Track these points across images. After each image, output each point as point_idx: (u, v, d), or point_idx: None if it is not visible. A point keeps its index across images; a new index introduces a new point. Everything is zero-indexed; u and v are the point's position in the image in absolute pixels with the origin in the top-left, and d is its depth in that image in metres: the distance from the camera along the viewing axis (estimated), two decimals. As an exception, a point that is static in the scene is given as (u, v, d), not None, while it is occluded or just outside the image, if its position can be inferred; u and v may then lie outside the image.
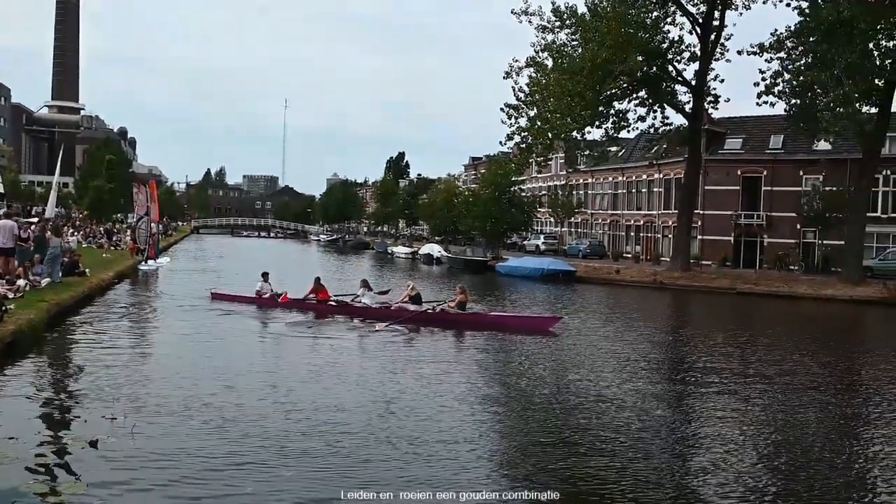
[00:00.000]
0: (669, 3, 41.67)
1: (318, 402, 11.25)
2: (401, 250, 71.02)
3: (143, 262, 35.27)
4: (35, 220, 33.13)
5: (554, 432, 10.37)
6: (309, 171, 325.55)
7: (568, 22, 41.68)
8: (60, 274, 21.71)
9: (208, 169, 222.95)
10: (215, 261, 49.98)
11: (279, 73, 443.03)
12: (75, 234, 38.45)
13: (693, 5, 41.79)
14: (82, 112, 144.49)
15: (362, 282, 23.44)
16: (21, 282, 18.74)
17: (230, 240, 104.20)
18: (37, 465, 7.99)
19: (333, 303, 22.34)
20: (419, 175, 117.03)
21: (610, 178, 64.00)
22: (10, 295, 16.99)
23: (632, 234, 60.67)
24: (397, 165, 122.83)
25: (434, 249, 62.04)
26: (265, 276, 23.74)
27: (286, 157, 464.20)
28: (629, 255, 57.12)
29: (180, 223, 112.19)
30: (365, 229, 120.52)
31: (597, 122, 42.93)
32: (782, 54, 37.40)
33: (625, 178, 61.55)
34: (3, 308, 14.80)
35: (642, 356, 17.56)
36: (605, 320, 25.52)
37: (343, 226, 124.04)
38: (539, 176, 74.17)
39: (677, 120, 44.97)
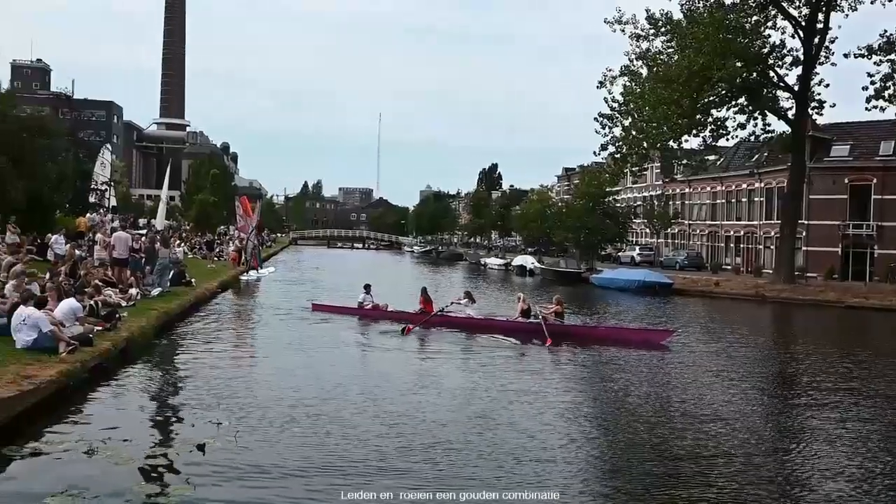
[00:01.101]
0: (770, 7, 40.38)
1: (418, 414, 11.18)
2: (494, 262, 71.03)
3: (245, 273, 36.45)
4: (144, 231, 34.75)
5: (659, 454, 9.90)
6: (402, 183, 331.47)
7: (663, 29, 40.96)
8: (169, 283, 22.66)
9: (305, 182, 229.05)
10: (312, 272, 51.17)
11: (372, 86, 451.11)
12: (181, 245, 40.11)
13: (795, 8, 40.35)
14: (188, 128, 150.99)
15: (465, 293, 23.28)
16: (133, 291, 19.69)
17: (326, 251, 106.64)
18: (149, 466, 8.34)
19: (437, 314, 22.09)
20: (512, 186, 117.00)
21: (708, 188, 62.36)
22: (124, 303, 17.85)
23: (731, 245, 58.92)
24: (490, 177, 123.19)
25: (527, 261, 61.78)
26: (367, 287, 23.73)
27: (380, 169, 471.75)
28: (729, 267, 55.46)
29: (279, 235, 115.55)
30: (458, 241, 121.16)
31: (694, 131, 41.97)
32: (893, 56, 35.69)
33: (724, 188, 59.86)
34: (117, 316, 15.57)
35: (754, 373, 16.95)
36: (711, 335, 24.66)
37: (436, 237, 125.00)
38: (634, 186, 72.93)
39: (779, 127, 43.51)
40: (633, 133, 41.27)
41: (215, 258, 42.52)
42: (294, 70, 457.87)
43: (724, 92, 41.07)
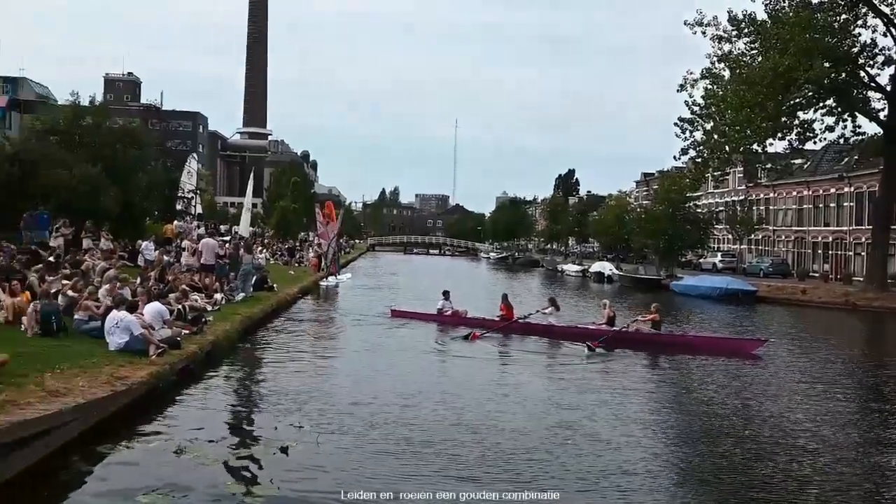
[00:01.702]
0: (860, 5, 38.85)
1: (498, 423, 11.00)
2: (571, 268, 70.43)
3: (325, 279, 37.09)
4: (227, 238, 35.76)
5: (748, 470, 9.50)
6: (479, 190, 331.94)
7: (746, 30, 39.89)
8: (252, 289, 23.24)
9: (383, 188, 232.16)
10: (390, 278, 51.69)
11: (449, 93, 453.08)
12: (263, 251, 41.11)
13: (887, 5, 38.66)
14: (270, 137, 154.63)
15: (550, 300, 22.95)
16: (218, 296, 20.27)
17: (403, 257, 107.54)
18: (235, 467, 8.56)
19: (518, 321, 21.82)
20: (589, 192, 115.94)
21: (794, 193, 60.40)
22: (209, 308, 18.40)
23: (819, 251, 56.86)
24: (567, 182, 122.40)
25: (605, 267, 61.05)
26: (446, 294, 23.70)
27: (456, 175, 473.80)
28: (816, 275, 53.53)
29: (357, 241, 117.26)
30: (534, 247, 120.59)
31: (779, 134, 40.70)
32: None
33: (811, 193, 57.87)
34: (204, 320, 16.07)
35: (849, 386, 16.37)
36: (801, 345, 23.73)
37: (512, 244, 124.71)
38: (716, 191, 71.16)
39: (870, 129, 41.77)
40: (715, 137, 40.29)
41: (296, 264, 43.43)
42: (373, 77, 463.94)
43: (810, 93, 39.70)
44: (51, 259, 18.32)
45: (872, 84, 40.03)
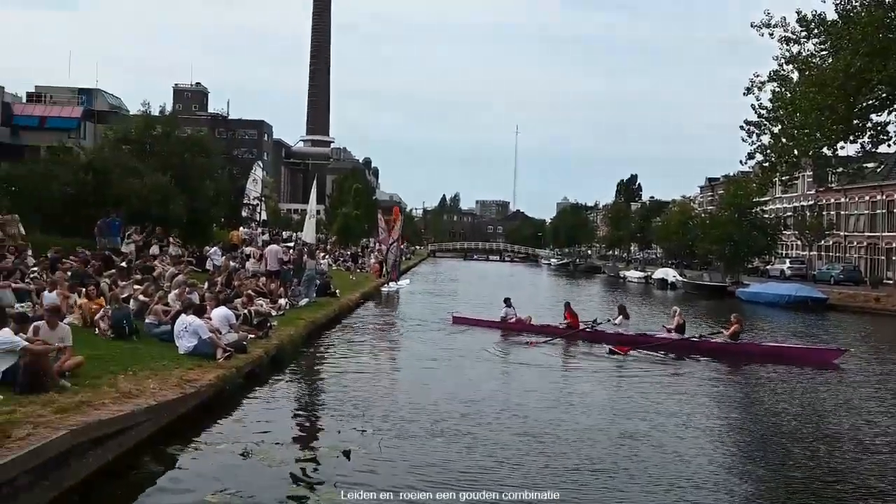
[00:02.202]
0: (939, 2, 37.43)
1: (562, 433, 10.79)
2: (633, 274, 69.54)
3: (386, 285, 37.39)
4: (291, 244, 36.33)
5: (825, 489, 9.08)
6: (539, 195, 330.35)
7: (816, 31, 38.74)
8: (315, 294, 23.58)
9: (444, 195, 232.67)
10: (450, 284, 51.80)
11: (510, 99, 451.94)
12: (326, 257, 41.65)
13: (967, 3, 37.18)
14: (332, 144, 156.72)
15: (619, 307, 22.61)
16: (282, 300, 20.63)
17: (463, 263, 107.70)
18: (300, 470, 8.70)
19: (585, 329, 21.60)
20: (652, 197, 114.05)
21: (867, 197, 58.42)
22: (274, 313, 18.74)
23: (893, 258, 54.89)
24: (629, 188, 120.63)
25: (668, 274, 60.10)
26: (507, 301, 23.55)
27: (517, 181, 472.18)
28: (891, 282, 51.67)
29: (418, 247, 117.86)
30: (595, 253, 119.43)
31: (850, 137, 39.38)
32: None
33: (885, 197, 55.91)
34: (269, 324, 16.38)
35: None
36: (880, 354, 22.87)
37: (573, 250, 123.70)
38: (784, 196, 69.29)
39: (950, 131, 40.10)
40: (783, 140, 39.00)
41: (357, 270, 43.88)
42: (434, 83, 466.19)
43: (884, 95, 38.28)
44: (123, 265, 18.89)
45: (950, 84, 38.51)
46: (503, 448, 9.86)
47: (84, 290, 14.58)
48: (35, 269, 16.83)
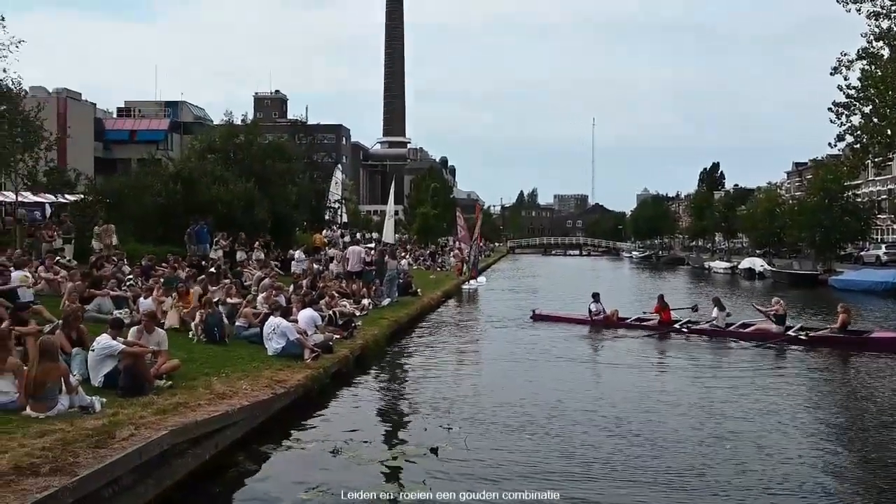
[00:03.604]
0: None
1: (656, 433, 10.36)
2: (718, 265, 67.78)
3: (466, 283, 37.48)
4: (372, 245, 36.85)
5: None
6: (618, 188, 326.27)
7: (909, 3, 36.99)
8: (397, 294, 23.84)
9: (521, 191, 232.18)
10: (530, 280, 51.55)
11: (586, 91, 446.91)
12: (406, 257, 42.06)
13: None
14: (408, 145, 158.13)
15: (714, 300, 21.94)
16: (365, 301, 20.94)
17: (542, 259, 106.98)
18: (389, 467, 8.84)
19: (680, 324, 21.08)
20: (736, 185, 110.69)
21: (969, 177, 55.45)
22: (358, 313, 19.05)
23: None
24: (711, 176, 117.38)
25: (756, 263, 58.30)
26: (595, 296, 23.03)
27: (595, 174, 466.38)
28: None
29: (497, 244, 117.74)
30: (678, 244, 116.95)
31: (949, 114, 37.43)
32: None
33: None
34: (353, 325, 16.66)
35: None
36: None
37: (655, 242, 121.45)
38: (878, 178, 66.50)
39: None
40: (875, 120, 37.47)
41: (437, 269, 44.15)
42: (509, 80, 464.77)
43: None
44: (212, 270, 19.50)
45: None
46: (591, 448, 9.67)
47: (178, 294, 15.11)
48: (130, 276, 17.56)
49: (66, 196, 29.99)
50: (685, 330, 20.80)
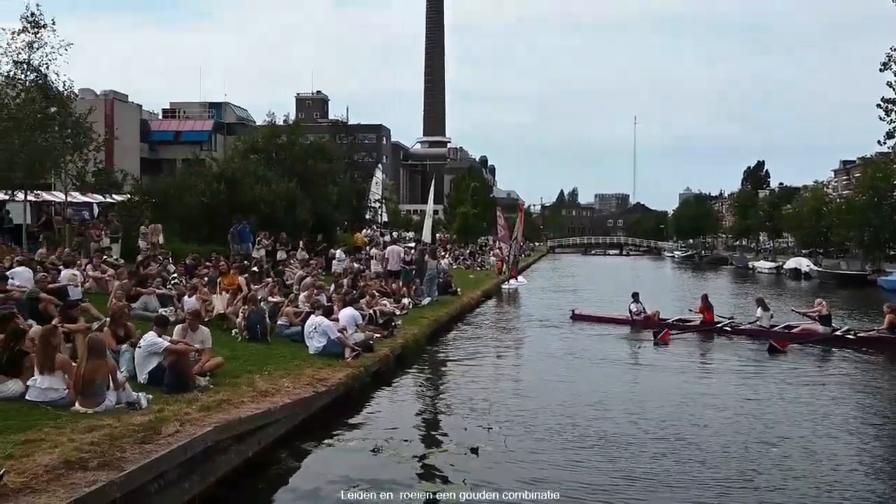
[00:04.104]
0: None
1: (700, 438, 10.15)
2: (763, 265, 66.71)
3: (506, 283, 37.39)
4: (412, 244, 36.94)
5: None
6: (660, 187, 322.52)
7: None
8: (437, 293, 23.88)
9: (561, 190, 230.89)
10: (570, 280, 51.23)
11: (626, 91, 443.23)
12: (446, 256, 42.11)
13: None
14: (448, 145, 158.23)
15: (758, 300, 21.64)
16: (405, 300, 21.01)
17: (582, 258, 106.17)
18: (429, 465, 8.87)
19: (724, 324, 20.79)
20: (781, 184, 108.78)
21: None
22: (398, 312, 19.11)
23: None
24: (755, 175, 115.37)
25: (801, 263, 57.27)
26: (635, 296, 22.86)
27: (636, 173, 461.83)
28: None
29: (537, 244, 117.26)
30: (722, 244, 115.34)
31: None
32: None
33: None
34: (394, 324, 16.73)
35: None
36: None
37: (698, 241, 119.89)
38: (929, 177, 64.66)
39: None
40: (927, 116, 36.63)
41: (477, 268, 44.12)
42: (548, 78, 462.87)
43: None
44: (255, 269, 19.73)
45: None
46: (637, 453, 9.48)
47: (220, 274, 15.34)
48: (175, 275, 17.86)
49: (114, 196, 30.55)
50: (728, 330, 20.51)
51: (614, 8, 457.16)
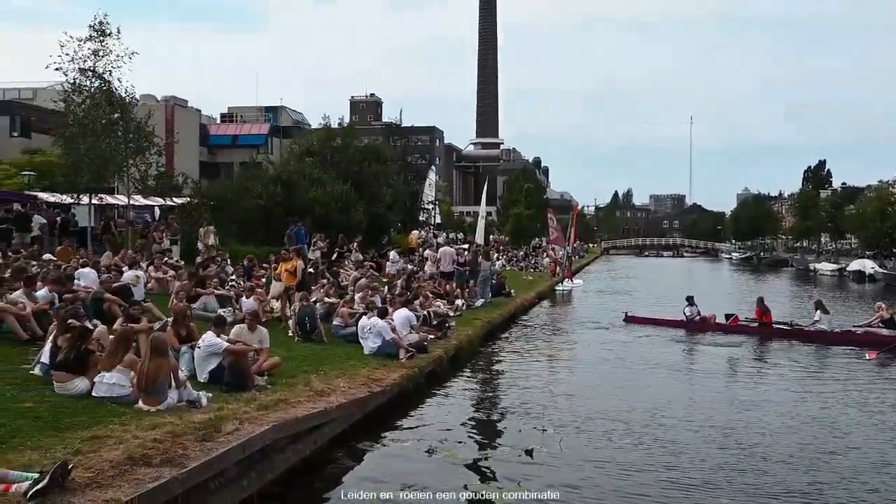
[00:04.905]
0: None
1: (758, 445, 9.89)
2: (825, 267, 65.00)
3: (560, 284, 37.21)
4: (466, 246, 36.95)
5: None
6: (717, 187, 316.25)
7: None
8: (490, 294, 23.85)
9: (616, 191, 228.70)
10: (624, 282, 50.64)
11: (681, 89, 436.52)
12: (500, 258, 42.03)
13: None
14: (501, 146, 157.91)
15: (816, 303, 21.19)
16: (459, 301, 21.03)
17: (637, 260, 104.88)
18: (483, 467, 8.88)
19: (785, 327, 20.39)
20: (843, 184, 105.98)
21: None
22: (451, 313, 19.14)
23: None
24: (817, 175, 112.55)
25: (865, 265, 55.64)
26: (690, 299, 22.58)
27: (693, 174, 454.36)
28: None
29: (591, 245, 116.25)
30: (781, 245, 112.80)
31: None
32: None
33: None
34: (448, 325, 16.76)
35: None
36: None
37: (757, 242, 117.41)
38: None
39: None
40: None
41: (531, 269, 43.94)
42: (604, 78, 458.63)
43: None
44: (311, 270, 19.97)
45: None
46: (696, 461, 9.24)
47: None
48: (233, 276, 18.19)
49: (174, 199, 31.27)
50: (787, 329, 20.07)
51: (669, 6, 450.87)
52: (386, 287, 19.54)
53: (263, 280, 18.08)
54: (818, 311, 20.23)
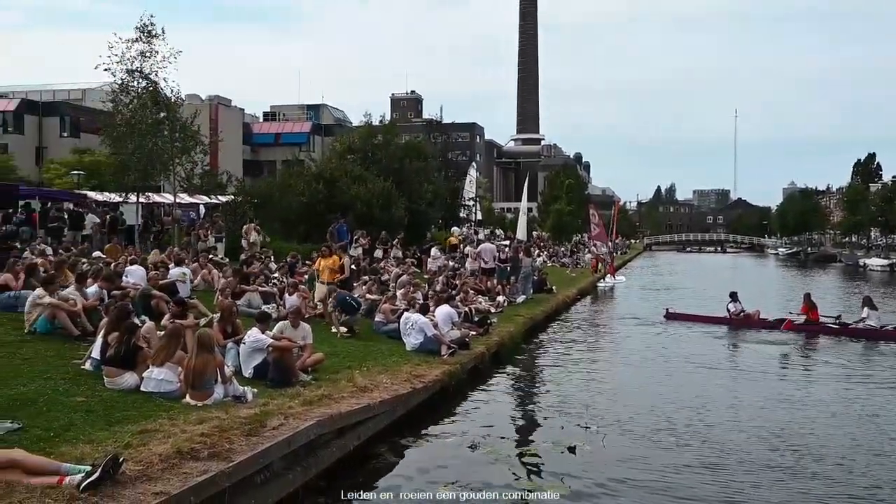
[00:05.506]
0: None
1: (815, 446, 9.63)
2: (875, 262, 63.58)
3: (602, 280, 36.94)
4: (506, 242, 36.87)
5: None
6: (762, 182, 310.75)
7: None
8: (531, 291, 23.77)
9: (658, 186, 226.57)
10: (667, 278, 50.06)
11: (725, 82, 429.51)
12: (541, 254, 41.86)
13: None
14: (542, 142, 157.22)
15: (865, 299, 20.76)
16: (500, 298, 21.00)
17: (680, 256, 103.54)
18: (526, 463, 8.85)
19: (833, 324, 20.08)
20: (894, 177, 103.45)
21: None
22: (492, 310, 19.12)
23: None
24: (866, 168, 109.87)
25: (918, 261, 54.29)
26: (733, 295, 22.28)
27: (737, 168, 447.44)
28: None
29: (633, 241, 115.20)
30: (829, 241, 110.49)
31: None
32: None
33: None
34: (489, 322, 16.74)
35: None
36: None
37: (803, 238, 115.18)
38: None
39: None
40: None
41: (574, 265, 43.68)
42: (646, 73, 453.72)
43: None
44: (353, 267, 20.10)
45: None
46: (742, 461, 9.05)
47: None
48: (276, 273, 18.40)
49: (219, 197, 31.72)
50: (835, 327, 19.69)
51: (709, 3, 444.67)
52: (427, 284, 19.57)
53: (306, 277, 18.22)
54: (866, 308, 19.81)
